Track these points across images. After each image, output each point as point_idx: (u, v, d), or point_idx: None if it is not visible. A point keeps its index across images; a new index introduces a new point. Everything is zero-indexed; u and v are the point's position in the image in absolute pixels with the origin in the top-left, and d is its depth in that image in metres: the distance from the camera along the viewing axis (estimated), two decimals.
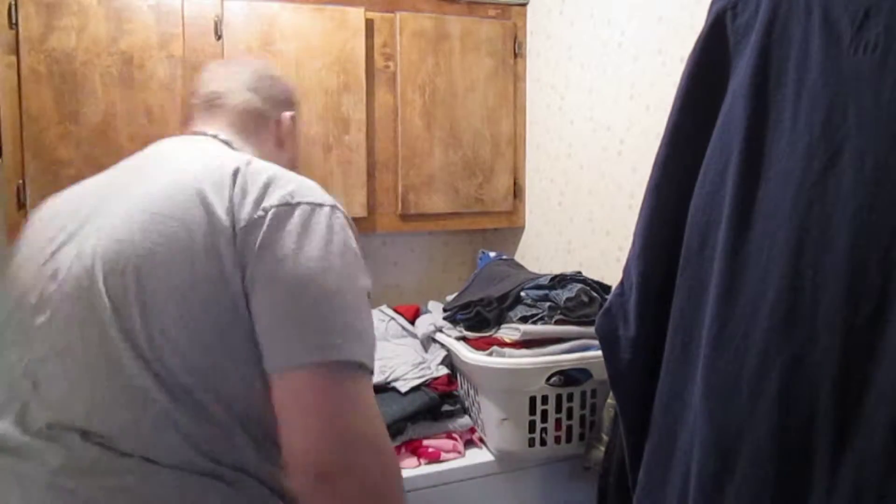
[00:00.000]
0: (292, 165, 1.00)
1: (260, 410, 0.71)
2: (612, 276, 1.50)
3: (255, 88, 0.99)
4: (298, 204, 0.73)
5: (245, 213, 0.71)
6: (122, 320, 0.68)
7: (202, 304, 0.68)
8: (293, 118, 1.04)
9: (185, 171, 0.76)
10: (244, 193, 0.72)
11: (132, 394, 0.68)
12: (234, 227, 0.70)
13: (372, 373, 0.72)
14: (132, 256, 0.69)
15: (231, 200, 0.72)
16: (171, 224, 0.70)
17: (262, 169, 0.76)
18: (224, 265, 0.69)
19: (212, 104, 0.97)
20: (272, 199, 0.72)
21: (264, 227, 0.70)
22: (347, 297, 0.72)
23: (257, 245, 0.69)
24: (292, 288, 0.68)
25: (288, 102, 1.05)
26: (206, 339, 0.69)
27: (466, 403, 1.41)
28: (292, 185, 0.75)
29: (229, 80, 0.99)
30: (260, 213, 0.71)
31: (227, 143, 0.92)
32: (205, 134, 0.92)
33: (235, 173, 0.74)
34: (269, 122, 1.00)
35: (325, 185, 1.78)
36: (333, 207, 0.77)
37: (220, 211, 0.71)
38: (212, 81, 0.99)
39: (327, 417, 0.67)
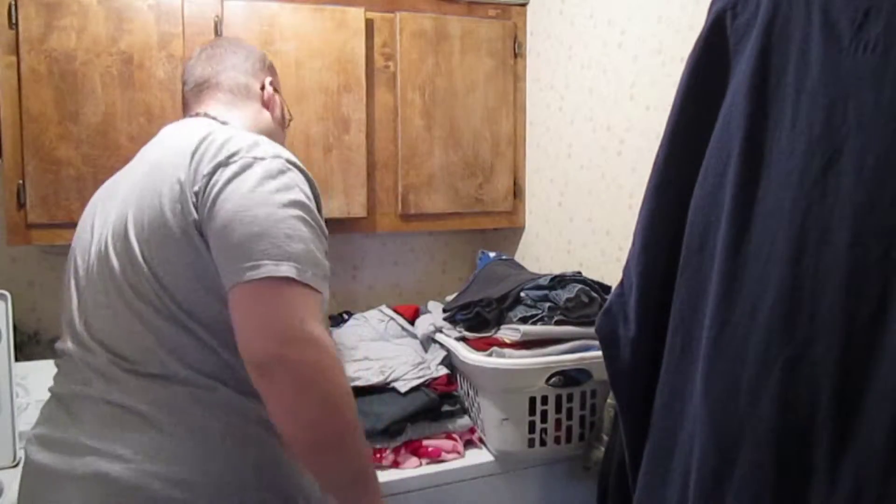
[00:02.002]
0: (279, 124, 1.20)
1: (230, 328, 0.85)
2: (612, 276, 1.50)
3: (234, 65, 1.13)
4: (241, 158, 0.88)
5: (201, 172, 0.87)
6: (126, 275, 0.89)
7: (178, 253, 0.87)
8: (272, 83, 1.18)
9: (167, 148, 0.95)
10: (202, 157, 0.88)
11: (144, 325, 0.88)
12: (194, 186, 0.87)
13: (308, 286, 0.83)
14: (129, 225, 0.90)
15: (193, 164, 0.88)
16: (153, 197, 0.89)
17: (221, 134, 0.92)
18: (187, 219, 0.86)
19: (201, 89, 1.12)
20: (220, 157, 0.88)
21: (211, 180, 0.86)
22: (276, 226, 0.84)
23: (206, 196, 0.86)
24: (227, 223, 0.84)
25: (264, 70, 1.19)
26: (187, 279, 0.87)
27: (466, 404, 1.41)
28: (242, 144, 0.90)
29: (211, 63, 1.13)
30: (210, 168, 0.87)
31: (213, 118, 1.06)
32: (196, 115, 1.08)
33: (200, 141, 0.90)
34: (252, 92, 1.14)
35: (325, 185, 1.79)
36: (275, 158, 0.90)
37: (184, 175, 0.88)
38: (196, 68, 1.13)
39: (259, 318, 0.81)
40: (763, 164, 0.75)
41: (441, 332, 1.48)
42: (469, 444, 1.38)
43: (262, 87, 1.16)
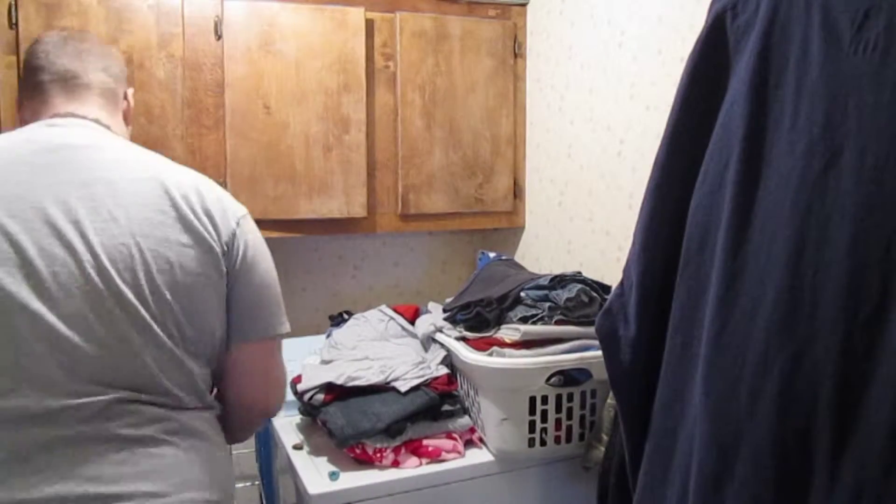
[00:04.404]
0: (129, 139, 1.07)
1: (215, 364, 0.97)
2: (612, 276, 1.50)
3: (104, 68, 1.02)
4: (244, 214, 0.99)
5: (225, 229, 0.95)
6: (151, 311, 0.89)
7: (202, 297, 0.93)
8: (133, 94, 1.10)
9: (136, 177, 0.91)
10: (215, 212, 0.94)
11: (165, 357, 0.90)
12: (221, 239, 0.95)
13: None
14: (145, 260, 0.90)
15: (206, 216, 0.93)
16: (166, 234, 0.93)
17: (202, 181, 0.96)
18: (219, 271, 0.94)
19: (68, 85, 0.97)
20: (237, 214, 0.97)
21: (236, 240, 0.96)
22: (276, 284, 1.01)
23: (237, 253, 0.97)
24: (261, 283, 0.99)
25: (125, 79, 1.08)
26: (205, 320, 0.93)
27: (466, 403, 1.41)
28: (226, 194, 0.98)
29: (81, 59, 1.00)
30: (232, 228, 0.96)
31: (98, 122, 0.97)
32: (84, 118, 0.95)
33: (194, 187, 0.93)
34: (119, 100, 1.05)
35: (325, 185, 1.79)
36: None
37: (203, 229, 0.92)
38: (61, 58, 0.98)
39: (264, 374, 1.02)
40: (763, 164, 0.75)
41: (441, 331, 1.48)
42: (469, 443, 1.38)
43: (126, 97, 1.07)
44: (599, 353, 0.98)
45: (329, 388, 1.35)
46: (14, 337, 0.79)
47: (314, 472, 1.26)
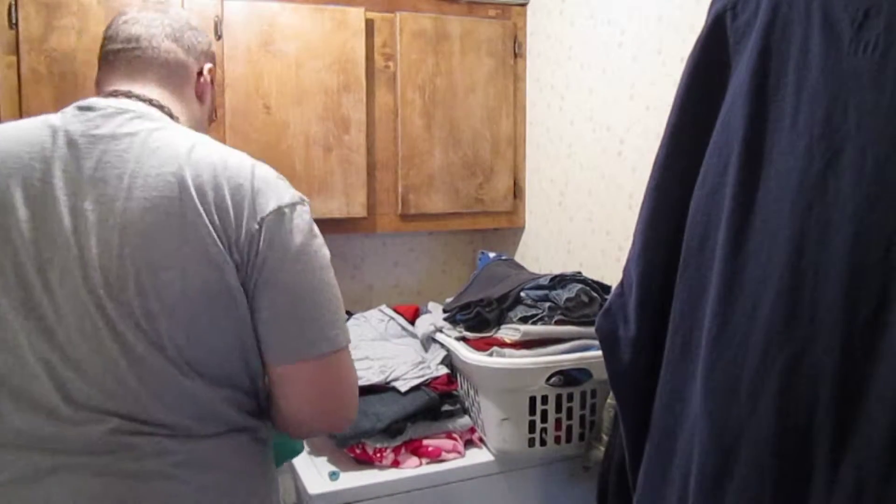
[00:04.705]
0: (210, 119, 1.02)
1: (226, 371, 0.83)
2: (612, 276, 1.50)
3: (176, 38, 0.92)
4: (283, 209, 0.81)
5: (244, 229, 0.79)
6: (154, 324, 0.78)
7: (207, 309, 0.80)
8: (212, 71, 0.98)
9: (164, 167, 0.78)
10: (236, 205, 0.79)
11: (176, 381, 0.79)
12: (236, 242, 0.79)
13: (349, 342, 0.85)
14: (149, 262, 0.78)
15: (223, 213, 0.78)
16: (172, 238, 0.79)
17: (237, 166, 0.82)
18: (230, 280, 0.79)
19: (130, 54, 0.89)
20: (263, 210, 0.79)
21: (259, 242, 0.80)
22: (327, 292, 0.83)
23: (256, 259, 0.80)
24: (287, 295, 0.81)
25: (209, 54, 0.99)
26: (211, 335, 0.80)
27: (466, 403, 1.41)
28: (274, 187, 0.82)
29: (150, 25, 0.91)
30: (254, 226, 0.79)
31: (152, 102, 0.86)
32: (138, 97, 0.86)
33: (214, 177, 0.78)
34: (191, 76, 0.94)
35: (325, 185, 1.79)
36: (303, 201, 0.84)
37: (216, 228, 0.78)
38: (131, 24, 0.91)
39: (320, 395, 0.84)
40: (763, 164, 0.75)
41: (441, 331, 1.48)
42: (469, 443, 1.38)
43: (200, 74, 0.96)
44: (599, 353, 0.98)
45: None
46: (18, 356, 0.74)
47: (314, 472, 1.26)
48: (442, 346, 1.46)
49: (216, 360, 0.79)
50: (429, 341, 1.51)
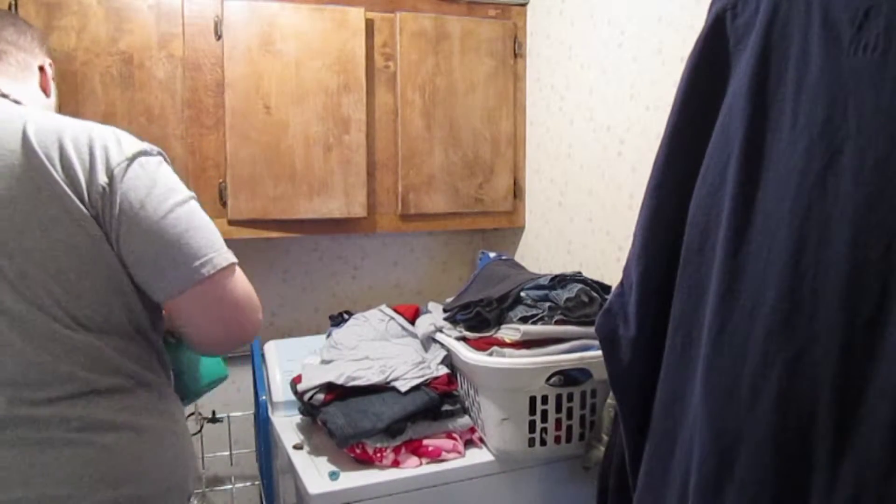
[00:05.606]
0: (58, 111, 1.04)
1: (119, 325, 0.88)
2: (612, 276, 1.50)
3: (14, 37, 0.97)
4: (130, 158, 0.86)
5: (96, 182, 0.83)
6: (25, 295, 0.81)
7: (81, 265, 0.84)
8: (52, 65, 1.04)
9: None
10: (83, 162, 0.83)
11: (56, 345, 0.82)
12: (89, 197, 0.83)
13: (232, 264, 0.90)
14: (11, 242, 0.82)
15: (72, 172, 0.82)
16: (28, 211, 0.82)
17: (80, 129, 0.85)
18: (93, 235, 0.83)
19: None
20: (111, 161, 0.84)
21: (114, 190, 0.84)
22: (196, 219, 0.88)
23: (113, 208, 0.84)
24: (155, 231, 0.85)
25: (43, 50, 1.03)
26: (94, 290, 0.85)
27: (466, 403, 1.41)
28: (118, 140, 0.87)
29: None
30: (105, 178, 0.84)
31: (4, 95, 0.91)
32: None
33: (58, 140, 0.82)
34: (32, 69, 0.99)
35: (325, 185, 1.79)
36: (152, 149, 0.90)
37: (68, 186, 0.82)
38: None
39: (217, 317, 0.90)
40: (763, 164, 0.75)
41: (441, 331, 1.48)
42: (469, 443, 1.38)
43: (42, 69, 1.01)
44: (599, 353, 0.98)
45: (329, 387, 1.35)
46: None
47: (314, 472, 1.26)
48: (442, 346, 1.46)
49: (97, 309, 0.83)
50: (429, 341, 1.51)
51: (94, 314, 0.83)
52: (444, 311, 1.55)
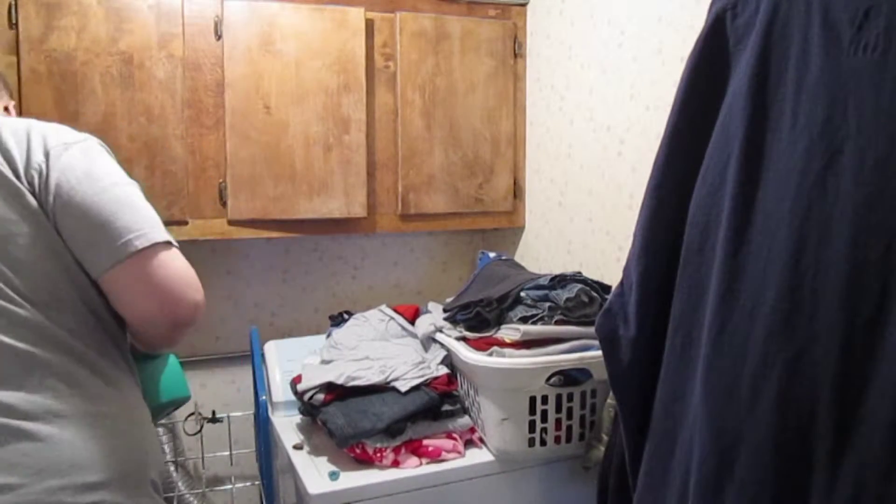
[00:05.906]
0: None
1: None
2: (612, 276, 1.50)
3: None
4: (65, 144, 0.89)
5: (33, 163, 0.86)
6: None
7: (28, 248, 0.86)
8: (15, 107, 1.08)
9: None
10: (21, 150, 0.86)
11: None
12: (26, 179, 0.86)
13: (167, 242, 0.90)
14: None
15: (11, 160, 0.85)
16: None
17: (20, 126, 0.88)
18: (35, 214, 0.86)
19: None
20: (47, 146, 0.87)
21: (49, 172, 0.87)
22: (130, 198, 0.89)
23: (49, 188, 0.86)
24: (88, 208, 0.86)
25: (9, 91, 1.08)
26: (44, 271, 0.87)
27: (466, 403, 1.41)
28: (55, 129, 0.90)
29: None
30: (41, 159, 0.86)
31: None
32: None
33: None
34: None
35: (325, 185, 1.79)
36: (88, 138, 0.92)
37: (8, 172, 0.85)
38: None
39: (150, 290, 0.89)
40: (763, 164, 0.75)
41: (441, 331, 1.48)
42: (469, 443, 1.38)
43: (7, 109, 1.05)
44: (599, 353, 0.98)
45: (329, 387, 1.35)
46: None
47: (314, 472, 1.26)
48: (442, 346, 1.46)
49: (42, 283, 0.85)
50: (429, 341, 1.51)
51: (40, 288, 0.84)
52: (444, 311, 1.55)
